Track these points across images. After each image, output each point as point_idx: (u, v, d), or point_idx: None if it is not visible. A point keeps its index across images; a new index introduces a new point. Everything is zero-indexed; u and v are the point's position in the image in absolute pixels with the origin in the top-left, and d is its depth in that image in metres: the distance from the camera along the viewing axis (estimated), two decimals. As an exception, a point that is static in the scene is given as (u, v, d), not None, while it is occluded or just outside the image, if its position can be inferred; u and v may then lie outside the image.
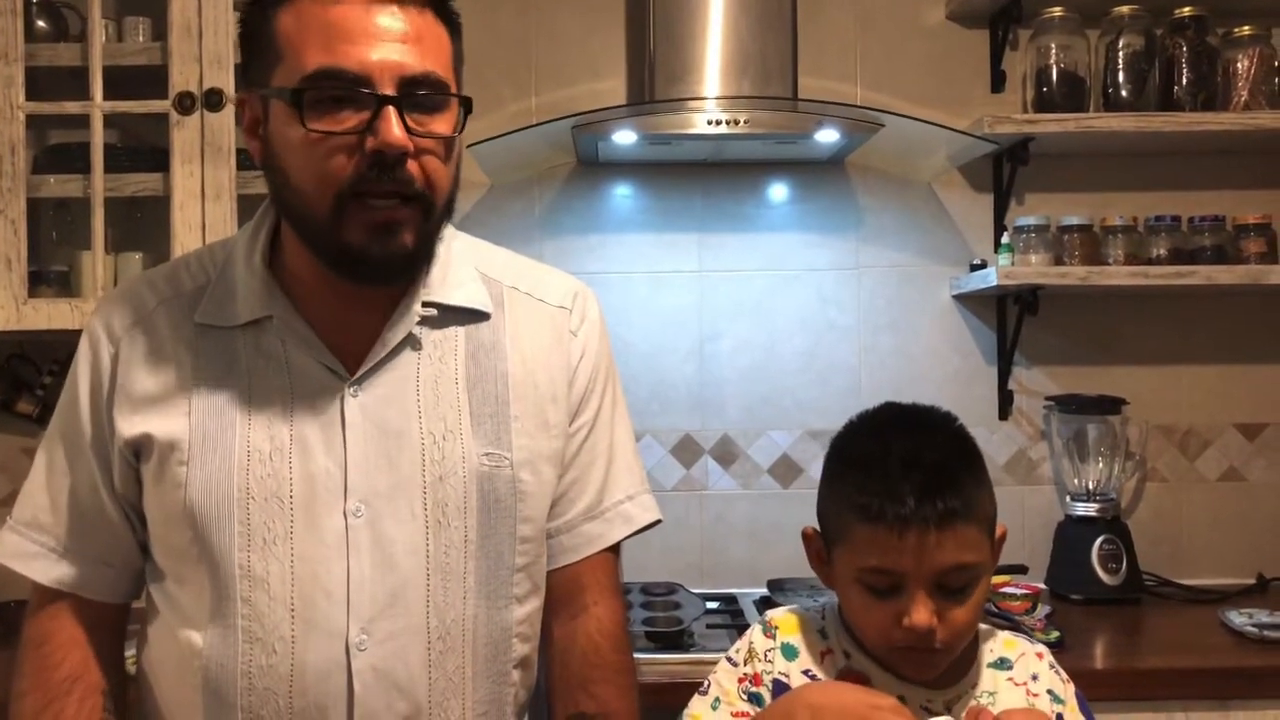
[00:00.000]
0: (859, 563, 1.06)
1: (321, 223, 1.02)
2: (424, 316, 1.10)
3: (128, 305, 1.12)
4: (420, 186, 1.02)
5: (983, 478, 1.08)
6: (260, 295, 1.09)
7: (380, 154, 0.98)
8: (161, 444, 1.06)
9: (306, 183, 1.01)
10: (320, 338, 1.09)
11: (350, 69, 0.99)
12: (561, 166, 2.29)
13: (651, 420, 2.28)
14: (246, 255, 1.12)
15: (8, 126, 1.93)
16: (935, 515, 1.01)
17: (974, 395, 2.30)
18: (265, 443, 1.05)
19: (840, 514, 1.08)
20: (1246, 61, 2.14)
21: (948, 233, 2.31)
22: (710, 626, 1.92)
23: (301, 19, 1.00)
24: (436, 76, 1.02)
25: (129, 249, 2.07)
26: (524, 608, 1.13)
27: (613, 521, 1.18)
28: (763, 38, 2.08)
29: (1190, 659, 1.75)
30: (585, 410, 1.18)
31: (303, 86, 0.99)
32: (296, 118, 0.99)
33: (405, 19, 1.01)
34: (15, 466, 2.20)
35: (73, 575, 1.11)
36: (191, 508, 1.04)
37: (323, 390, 1.07)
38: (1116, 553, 2.11)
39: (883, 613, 1.04)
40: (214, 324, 1.10)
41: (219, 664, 1.04)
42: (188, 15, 1.93)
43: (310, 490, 1.05)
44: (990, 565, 1.08)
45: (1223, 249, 2.18)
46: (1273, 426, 2.30)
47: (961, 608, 1.04)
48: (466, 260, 1.16)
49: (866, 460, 1.07)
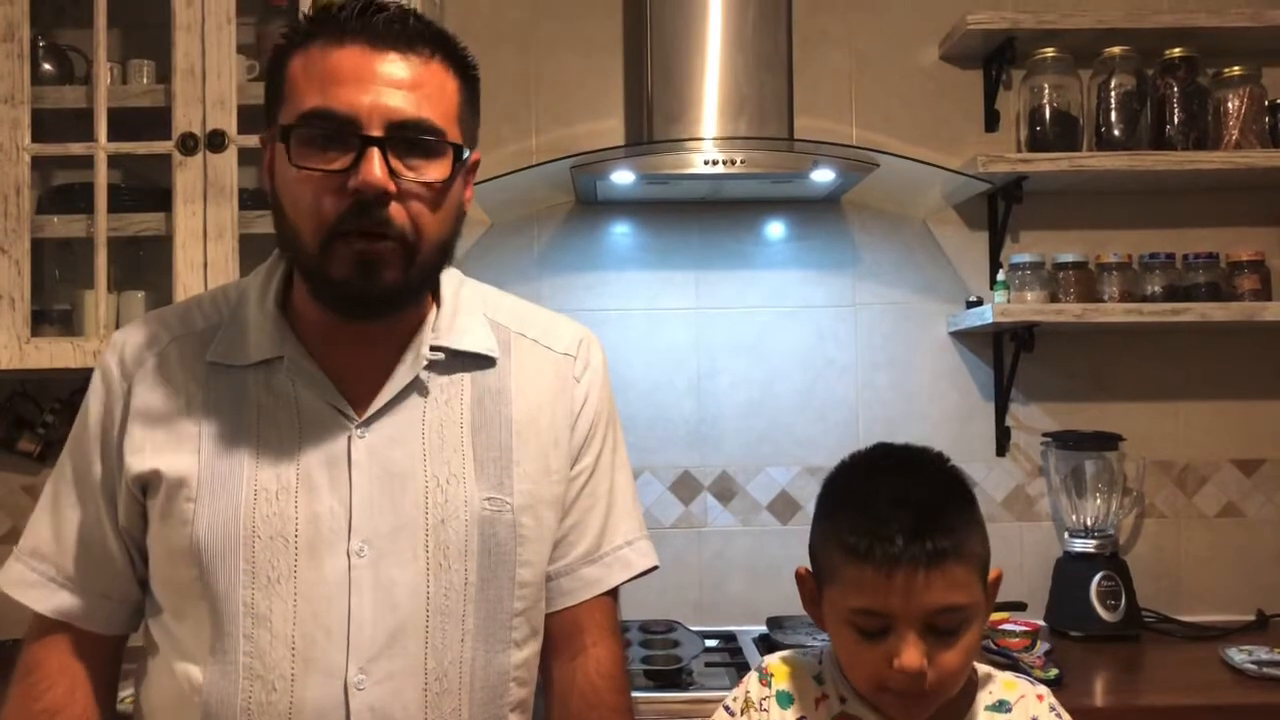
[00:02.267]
0: (848, 603, 1.05)
1: (311, 260, 1.04)
2: (431, 360, 1.12)
3: (141, 340, 1.13)
4: (400, 227, 1.02)
5: (974, 518, 1.08)
6: (272, 336, 1.10)
7: (360, 193, 1.00)
8: (170, 480, 1.07)
9: (299, 219, 1.04)
10: (329, 379, 1.10)
11: (338, 110, 1.00)
12: (561, 205, 2.32)
13: (650, 457, 2.29)
14: (260, 297, 1.13)
15: (14, 168, 1.95)
16: (924, 555, 1.01)
17: (971, 432, 2.31)
18: (272, 481, 1.06)
19: (830, 554, 1.08)
20: (1237, 101, 2.17)
21: (944, 270, 2.32)
22: (709, 665, 1.92)
23: (309, 63, 1.03)
24: (429, 124, 1.03)
25: (131, 288, 2.08)
26: (522, 652, 1.13)
27: (612, 566, 1.19)
28: (759, 78, 2.11)
29: (1190, 697, 1.75)
30: (586, 455, 1.19)
31: (293, 125, 1.02)
32: (288, 155, 1.02)
33: (406, 66, 1.03)
34: (16, 504, 2.20)
35: (71, 606, 1.12)
36: (198, 544, 1.05)
37: (330, 431, 1.08)
38: (1115, 589, 2.11)
39: (873, 655, 1.04)
40: (225, 363, 1.11)
41: (219, 700, 1.04)
42: (191, 58, 1.95)
43: (315, 530, 1.06)
44: (983, 608, 1.07)
45: (1217, 286, 2.20)
46: (1270, 462, 2.31)
47: (952, 650, 1.03)
48: (474, 306, 1.18)
49: (856, 500, 1.07)
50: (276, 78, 1.06)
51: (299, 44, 1.05)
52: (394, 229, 1.02)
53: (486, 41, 2.30)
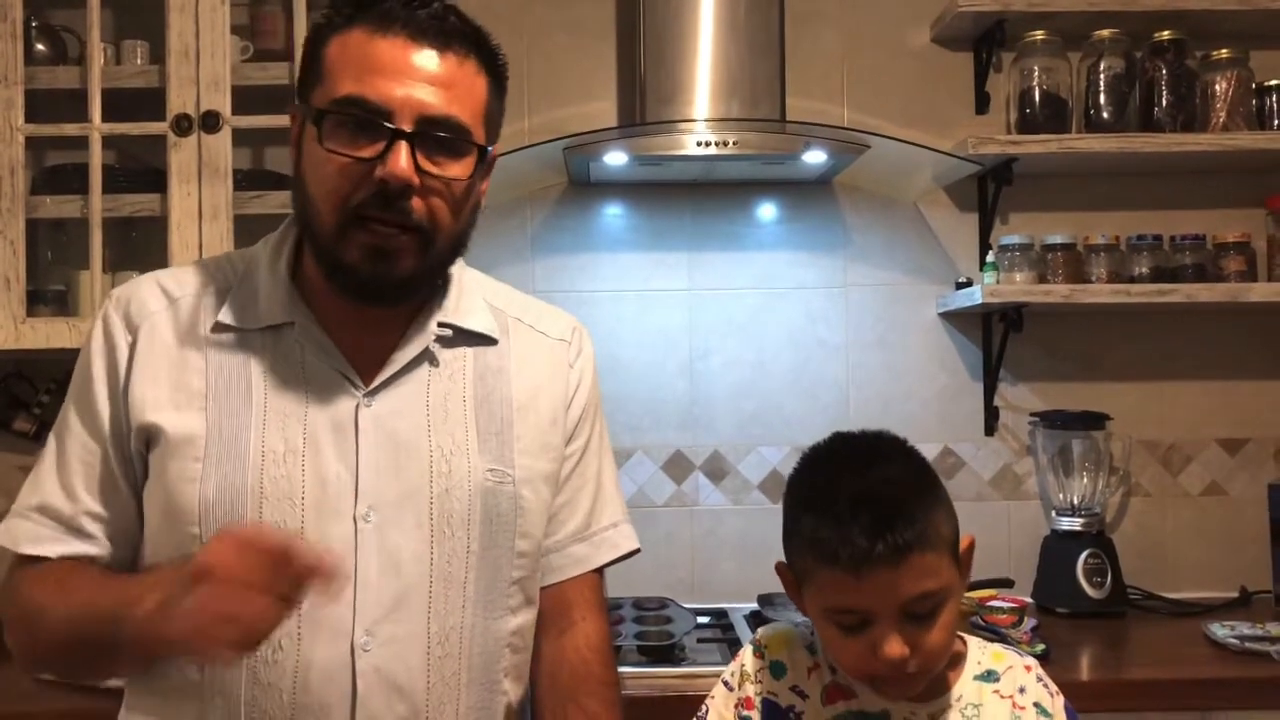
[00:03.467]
0: (825, 603, 1.08)
1: (327, 238, 1.07)
2: (439, 336, 1.15)
3: (147, 296, 1.14)
4: (419, 220, 1.06)
5: (936, 501, 1.08)
6: (283, 302, 1.13)
7: (385, 183, 1.03)
8: (177, 438, 1.08)
9: (319, 198, 1.06)
10: (337, 348, 1.12)
11: (373, 100, 1.03)
12: (554, 187, 2.33)
13: (642, 437, 2.31)
14: (271, 263, 1.15)
15: (7, 148, 1.95)
16: (889, 552, 1.02)
17: (960, 411, 2.33)
18: (279, 444, 1.08)
19: (800, 556, 1.10)
20: (1225, 83, 2.19)
21: (934, 251, 2.34)
22: (701, 641, 1.94)
23: (347, 48, 1.06)
24: (458, 121, 1.06)
25: (126, 269, 2.09)
26: (517, 619, 1.17)
27: (600, 546, 1.25)
28: (751, 60, 2.12)
29: (1173, 670, 1.78)
30: (578, 438, 1.24)
31: (327, 109, 1.04)
32: (318, 137, 1.05)
33: (442, 62, 1.06)
34: (11, 484, 2.19)
35: (79, 552, 1.11)
36: (206, 503, 1.06)
37: (338, 398, 1.11)
38: (1101, 567, 2.14)
39: (856, 646, 1.06)
40: (235, 325, 1.12)
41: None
42: (185, 39, 1.96)
43: (321, 493, 1.08)
44: (957, 584, 1.09)
45: (1203, 267, 2.22)
46: (1254, 442, 2.34)
47: (932, 631, 1.05)
48: (475, 291, 1.22)
49: (817, 502, 1.08)
50: (315, 56, 1.08)
51: (340, 26, 1.07)
52: (412, 220, 1.05)
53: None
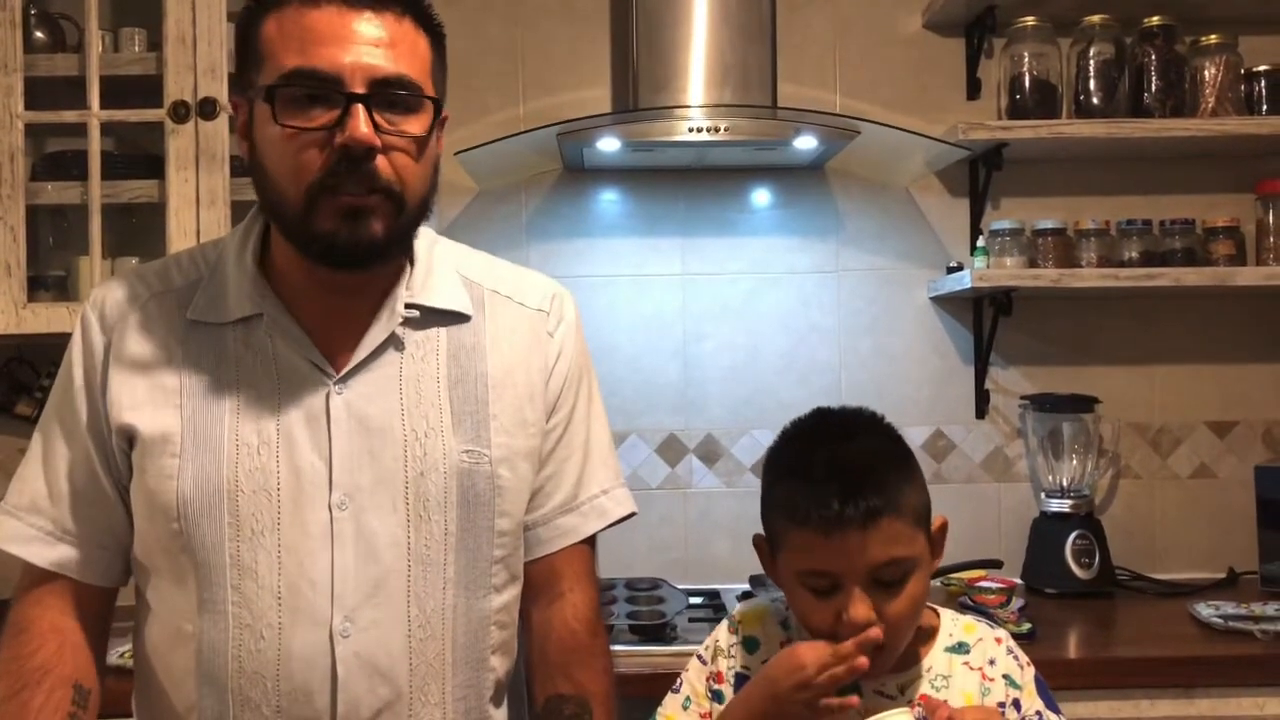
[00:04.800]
0: (796, 566, 1.11)
1: (295, 215, 1.07)
2: (407, 318, 1.14)
3: (121, 296, 1.16)
4: (388, 180, 1.06)
5: (909, 474, 1.12)
6: (251, 294, 1.13)
7: (347, 149, 1.03)
8: (152, 435, 1.10)
9: (282, 177, 1.06)
10: (308, 336, 1.13)
11: (322, 68, 1.04)
12: (548, 173, 2.35)
13: (637, 420, 2.33)
14: (238, 255, 1.16)
15: (7, 135, 1.97)
16: (859, 515, 1.06)
17: (951, 395, 2.35)
18: (253, 436, 1.09)
19: (776, 521, 1.14)
20: (1214, 69, 2.20)
21: (925, 236, 2.36)
22: (693, 620, 1.97)
23: (283, 25, 1.06)
24: (409, 79, 1.07)
25: (125, 254, 2.12)
26: (502, 597, 1.17)
27: (588, 515, 1.23)
28: (743, 47, 2.14)
29: (1156, 649, 1.80)
30: (561, 408, 1.22)
31: (277, 84, 1.05)
32: (272, 115, 1.05)
33: (381, 24, 1.06)
34: (14, 467, 2.23)
35: (69, 558, 1.14)
36: (183, 498, 1.08)
37: (309, 387, 1.11)
38: (1089, 548, 2.17)
39: (825, 611, 1.09)
40: (205, 320, 1.14)
41: (210, 648, 1.08)
42: (182, 26, 1.98)
43: (297, 483, 1.09)
44: (927, 558, 1.12)
45: (1193, 251, 2.24)
46: (1242, 424, 2.36)
47: (898, 599, 1.08)
48: (448, 264, 1.20)
49: (794, 468, 1.13)
50: (250, 40, 1.09)
51: (271, 6, 1.07)
52: (381, 182, 1.06)
53: (474, 10, 2.32)
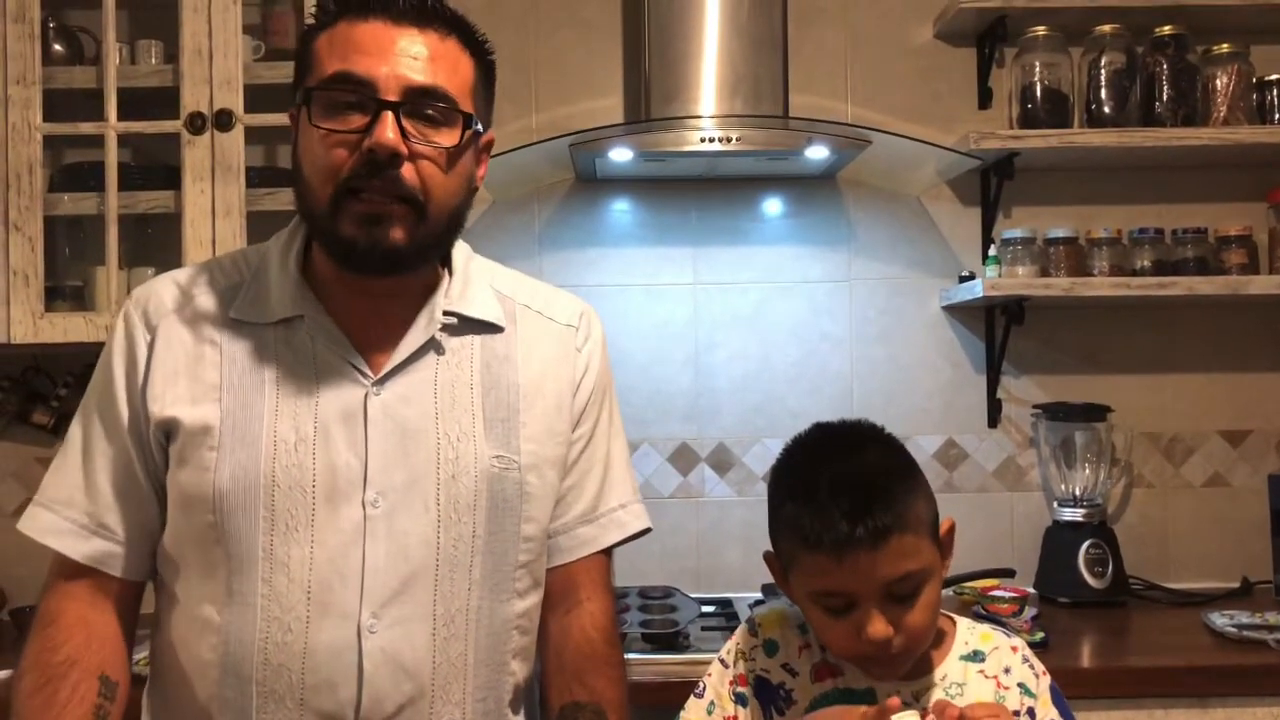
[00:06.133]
0: (810, 586, 1.11)
1: (322, 214, 1.10)
2: (445, 324, 1.18)
3: (164, 295, 1.19)
4: (411, 188, 1.09)
5: (915, 485, 1.12)
6: (293, 296, 1.16)
7: (373, 152, 1.06)
8: (193, 429, 1.12)
9: (312, 176, 1.10)
10: (347, 339, 1.16)
11: (358, 73, 1.08)
12: (561, 183, 2.36)
13: (649, 429, 2.34)
14: (281, 259, 1.19)
15: (25, 147, 1.99)
16: (869, 534, 1.05)
17: (963, 404, 2.35)
18: (291, 433, 1.12)
19: (785, 543, 1.13)
20: (1225, 78, 2.21)
21: (937, 245, 2.37)
22: (705, 629, 1.97)
23: (333, 38, 1.11)
24: (442, 91, 1.10)
25: (141, 264, 2.13)
26: (524, 602, 1.20)
27: (607, 527, 1.26)
28: (755, 57, 2.15)
29: (1171, 659, 1.80)
30: (586, 421, 1.25)
31: (315, 88, 1.09)
32: (309, 117, 1.09)
33: (424, 41, 1.10)
34: (31, 476, 2.26)
35: (102, 551, 1.15)
36: (220, 491, 1.10)
37: (347, 387, 1.14)
38: (1103, 557, 2.17)
39: (842, 628, 1.09)
40: (248, 320, 1.17)
41: (237, 640, 1.10)
42: (198, 39, 1.99)
43: (332, 481, 1.11)
44: (938, 565, 1.12)
45: (1205, 260, 2.24)
46: (1256, 433, 2.36)
47: (915, 611, 1.08)
48: (482, 278, 1.24)
49: (800, 490, 1.12)
50: (304, 55, 1.13)
51: (325, 24, 1.12)
52: (404, 189, 1.08)
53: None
